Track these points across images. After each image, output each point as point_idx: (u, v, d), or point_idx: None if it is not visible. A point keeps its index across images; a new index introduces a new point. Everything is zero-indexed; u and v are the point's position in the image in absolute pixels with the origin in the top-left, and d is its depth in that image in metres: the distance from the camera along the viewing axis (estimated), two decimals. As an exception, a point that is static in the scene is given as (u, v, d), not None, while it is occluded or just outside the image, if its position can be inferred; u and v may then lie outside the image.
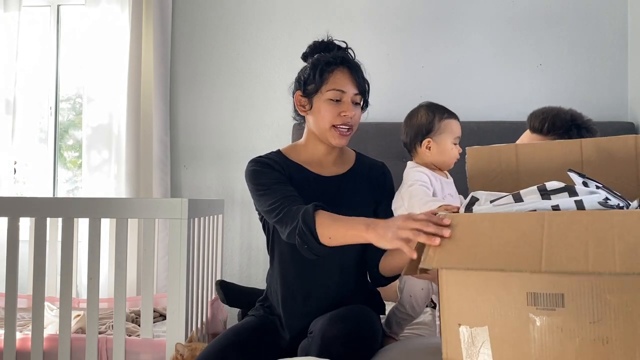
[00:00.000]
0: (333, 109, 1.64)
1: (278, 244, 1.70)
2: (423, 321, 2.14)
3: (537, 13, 3.06)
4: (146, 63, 3.14)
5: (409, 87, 3.12)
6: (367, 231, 1.35)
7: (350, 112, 1.64)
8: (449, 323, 1.05)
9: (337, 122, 1.65)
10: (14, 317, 2.09)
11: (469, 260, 1.03)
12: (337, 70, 1.66)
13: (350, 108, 1.64)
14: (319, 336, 1.43)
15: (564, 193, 1.04)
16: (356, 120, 1.68)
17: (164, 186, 3.14)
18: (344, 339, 1.41)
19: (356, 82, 1.66)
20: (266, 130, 3.19)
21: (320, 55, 1.71)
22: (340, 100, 1.64)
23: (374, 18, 3.15)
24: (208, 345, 1.60)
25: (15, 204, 2.16)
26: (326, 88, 1.65)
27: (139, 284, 2.93)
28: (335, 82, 1.65)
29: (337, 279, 1.68)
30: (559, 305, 0.96)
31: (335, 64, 1.66)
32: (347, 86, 1.65)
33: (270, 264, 1.77)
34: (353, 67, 1.68)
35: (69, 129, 3.56)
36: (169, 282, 2.05)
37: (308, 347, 1.46)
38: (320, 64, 1.67)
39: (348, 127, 1.66)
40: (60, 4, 3.42)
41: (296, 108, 1.75)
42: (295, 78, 1.77)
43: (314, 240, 1.45)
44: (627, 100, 2.98)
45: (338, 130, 1.65)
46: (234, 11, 3.24)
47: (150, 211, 2.10)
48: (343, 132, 1.66)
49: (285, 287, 1.69)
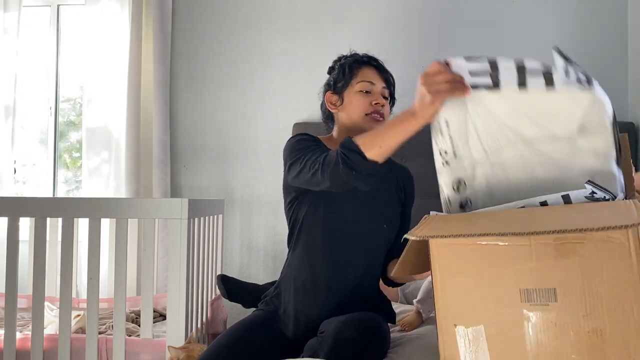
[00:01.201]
0: (365, 99, 1.73)
1: (306, 232, 1.71)
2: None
3: (537, 13, 3.05)
4: (146, 63, 3.15)
5: (409, 87, 3.10)
6: (414, 116, 1.30)
7: (381, 101, 1.73)
8: (445, 324, 1.06)
9: (369, 111, 1.72)
10: (14, 317, 2.10)
11: (459, 228, 1.04)
12: (365, 67, 1.77)
13: (380, 98, 1.74)
14: (331, 336, 1.44)
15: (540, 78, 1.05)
16: (386, 112, 1.76)
17: (164, 186, 3.15)
18: (355, 343, 1.42)
19: (384, 77, 1.77)
20: (266, 130, 3.19)
21: (347, 55, 1.84)
22: (370, 91, 1.74)
23: (374, 18, 3.15)
24: (215, 340, 1.61)
25: (15, 204, 2.16)
26: (356, 81, 1.75)
27: (139, 284, 2.93)
28: (364, 75, 1.76)
29: (360, 274, 1.70)
30: (551, 300, 0.97)
31: (363, 62, 1.79)
32: (376, 79, 1.76)
33: (293, 253, 1.77)
34: (379, 65, 1.80)
35: (69, 129, 3.56)
36: (169, 282, 2.05)
37: (317, 347, 1.46)
38: (349, 62, 1.80)
39: (381, 114, 1.73)
40: (60, 4, 3.42)
41: (327, 107, 1.82)
42: (323, 84, 1.87)
43: (361, 157, 1.37)
44: (627, 100, 2.98)
45: (371, 117, 1.72)
46: (234, 11, 3.24)
47: (150, 211, 2.10)
48: (377, 118, 1.72)
49: (311, 273, 1.69)
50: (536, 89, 1.10)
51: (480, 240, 1.02)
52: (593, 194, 1.02)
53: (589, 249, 0.95)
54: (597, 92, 1.09)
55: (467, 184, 1.25)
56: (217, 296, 2.70)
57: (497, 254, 1.01)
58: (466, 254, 1.04)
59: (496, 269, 1.01)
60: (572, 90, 1.08)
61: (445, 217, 1.16)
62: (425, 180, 2.92)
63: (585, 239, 0.95)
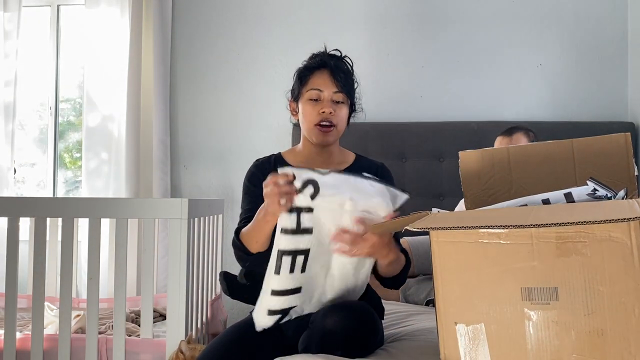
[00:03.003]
0: (312, 108, 1.69)
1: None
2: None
3: (537, 13, 3.06)
4: (146, 63, 3.15)
5: (409, 87, 3.12)
6: (263, 220, 1.49)
7: (328, 109, 1.68)
8: (446, 322, 1.06)
9: (317, 121, 1.69)
10: (14, 317, 2.10)
11: (460, 222, 1.04)
12: (316, 73, 1.72)
13: (328, 105, 1.69)
14: (320, 326, 1.43)
15: None
16: (338, 118, 1.71)
17: (164, 186, 3.14)
18: (346, 331, 1.41)
19: (336, 81, 1.70)
20: (266, 130, 3.19)
21: (304, 62, 1.79)
22: (318, 99, 1.70)
23: (374, 18, 3.15)
24: (212, 340, 1.61)
25: (15, 204, 2.16)
26: (306, 89, 1.71)
27: (139, 284, 2.93)
28: (313, 83, 1.71)
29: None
30: (553, 299, 0.97)
31: (314, 67, 1.73)
32: (326, 85, 1.70)
33: None
34: (333, 69, 1.72)
35: (69, 129, 3.56)
36: (169, 282, 2.05)
37: (308, 339, 1.46)
38: (300, 69, 1.76)
39: (329, 125, 1.69)
40: (60, 4, 3.42)
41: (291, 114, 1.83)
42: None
43: (246, 255, 1.59)
44: (627, 100, 2.98)
45: (319, 127, 1.69)
46: (234, 11, 3.24)
47: (150, 211, 2.10)
48: (323, 130, 1.69)
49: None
50: None
51: (482, 238, 1.01)
52: (595, 192, 1.03)
53: (591, 247, 0.95)
54: None
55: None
56: (217, 296, 2.69)
57: (498, 252, 1.01)
58: (467, 251, 1.03)
59: (497, 267, 1.01)
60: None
61: (447, 213, 1.16)
62: (426, 180, 2.96)
63: (588, 238, 0.94)
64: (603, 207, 0.98)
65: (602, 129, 2.63)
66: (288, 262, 1.40)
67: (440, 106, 3.08)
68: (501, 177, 1.47)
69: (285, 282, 1.42)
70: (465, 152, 1.53)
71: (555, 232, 0.96)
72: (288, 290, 1.44)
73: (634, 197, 1.20)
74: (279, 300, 1.45)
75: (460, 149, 1.57)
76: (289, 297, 1.44)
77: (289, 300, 1.45)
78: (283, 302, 1.45)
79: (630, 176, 1.34)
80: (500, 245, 1.01)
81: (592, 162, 1.37)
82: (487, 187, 1.47)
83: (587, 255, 0.95)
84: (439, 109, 3.07)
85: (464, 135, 2.89)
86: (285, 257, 1.39)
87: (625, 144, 1.36)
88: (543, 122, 2.93)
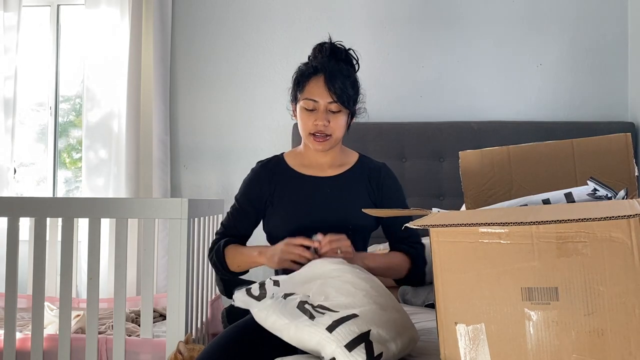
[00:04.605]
0: (307, 118, 1.68)
1: (277, 241, 1.71)
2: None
3: (537, 13, 3.06)
4: (146, 63, 3.15)
5: (409, 87, 3.12)
6: (260, 256, 1.65)
7: (322, 122, 1.65)
8: (446, 322, 1.06)
9: (311, 130, 1.68)
10: (14, 317, 2.10)
11: (460, 219, 1.04)
12: (313, 79, 1.67)
13: (322, 117, 1.66)
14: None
15: None
16: (334, 128, 1.68)
17: (164, 186, 3.14)
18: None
19: (331, 90, 1.64)
20: (266, 130, 3.19)
21: (302, 64, 1.74)
22: (314, 109, 1.67)
23: (374, 18, 3.15)
24: (210, 342, 1.60)
25: (15, 204, 2.17)
26: (302, 97, 1.69)
27: (139, 284, 2.93)
28: (309, 92, 1.67)
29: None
30: (553, 299, 0.97)
31: (310, 73, 1.68)
32: (321, 95, 1.65)
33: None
34: (330, 75, 1.66)
35: (69, 129, 3.56)
36: (169, 282, 2.05)
37: None
38: (297, 74, 1.72)
39: (324, 135, 1.68)
40: (60, 4, 3.42)
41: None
42: None
43: (224, 269, 1.73)
44: (627, 100, 2.98)
45: (314, 137, 1.68)
46: (234, 11, 3.24)
47: (150, 211, 2.10)
48: (319, 140, 1.68)
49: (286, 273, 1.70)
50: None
51: (482, 238, 1.01)
52: (595, 192, 1.03)
53: (591, 247, 0.94)
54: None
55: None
56: (217, 296, 2.69)
57: (498, 251, 1.01)
58: (467, 251, 1.03)
59: (497, 267, 1.01)
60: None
61: (447, 212, 1.16)
62: (425, 180, 2.96)
63: (588, 238, 0.94)
64: (603, 207, 0.98)
65: (602, 129, 2.63)
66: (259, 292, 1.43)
67: (440, 106, 3.07)
68: (501, 177, 1.47)
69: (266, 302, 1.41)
70: (465, 152, 1.53)
71: (556, 232, 0.96)
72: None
73: (634, 197, 1.20)
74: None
75: (460, 149, 1.57)
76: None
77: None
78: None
79: (630, 176, 1.34)
80: (500, 245, 1.00)
81: (593, 162, 1.37)
82: (487, 187, 1.47)
83: (588, 255, 0.95)
84: (439, 109, 3.07)
85: (464, 135, 2.89)
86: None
87: (626, 144, 1.36)
88: (543, 122, 2.94)
